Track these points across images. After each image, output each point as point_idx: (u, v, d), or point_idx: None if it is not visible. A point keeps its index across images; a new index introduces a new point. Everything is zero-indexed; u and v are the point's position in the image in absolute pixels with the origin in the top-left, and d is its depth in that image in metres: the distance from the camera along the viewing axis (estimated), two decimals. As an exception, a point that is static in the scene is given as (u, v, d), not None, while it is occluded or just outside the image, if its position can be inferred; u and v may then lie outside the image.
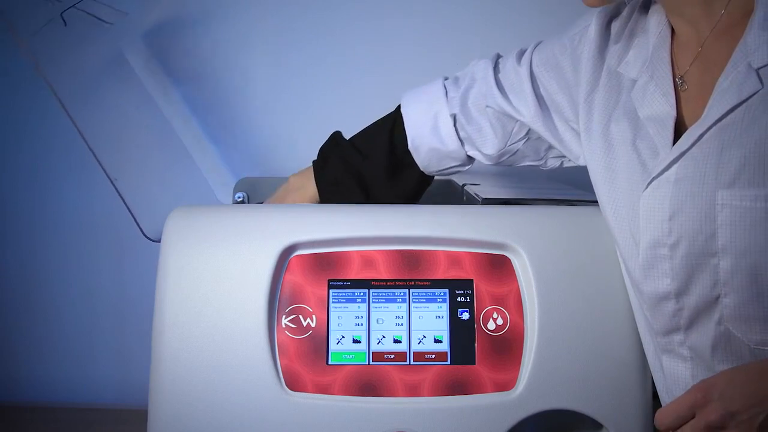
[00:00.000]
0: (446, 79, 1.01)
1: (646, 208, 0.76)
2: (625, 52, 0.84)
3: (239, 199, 1.18)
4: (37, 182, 1.41)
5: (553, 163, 0.99)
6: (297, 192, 1.03)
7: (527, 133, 0.96)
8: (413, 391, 0.85)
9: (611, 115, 0.83)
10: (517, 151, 0.98)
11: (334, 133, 1.04)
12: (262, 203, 1.10)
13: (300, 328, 0.87)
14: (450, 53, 1.33)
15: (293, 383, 0.85)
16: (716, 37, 0.75)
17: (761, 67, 0.69)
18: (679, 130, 0.76)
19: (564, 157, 0.97)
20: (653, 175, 0.76)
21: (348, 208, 0.95)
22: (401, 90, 1.10)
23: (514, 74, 0.95)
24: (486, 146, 0.98)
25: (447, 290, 0.88)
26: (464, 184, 1.13)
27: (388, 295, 0.88)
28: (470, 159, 1.01)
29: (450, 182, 1.24)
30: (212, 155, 1.38)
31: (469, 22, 1.33)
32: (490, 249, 0.89)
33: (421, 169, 1.00)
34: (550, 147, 0.96)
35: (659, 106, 0.78)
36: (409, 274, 0.89)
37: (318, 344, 0.87)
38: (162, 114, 1.32)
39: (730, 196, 0.69)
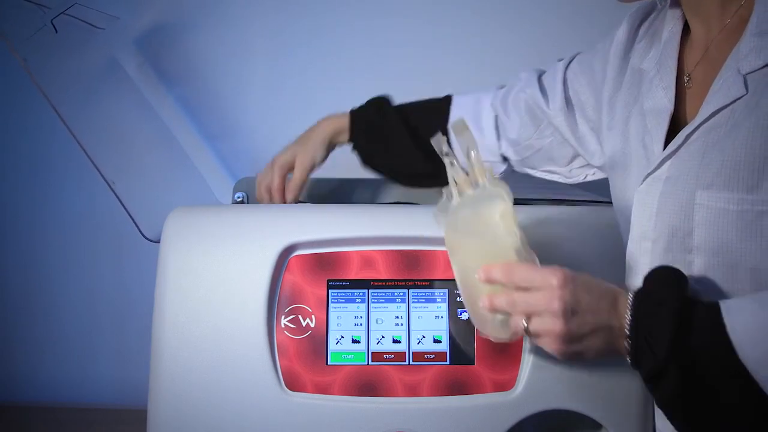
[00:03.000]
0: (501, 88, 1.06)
1: (638, 203, 0.79)
2: (647, 49, 0.85)
3: (239, 199, 1.18)
4: (37, 183, 1.41)
5: (577, 174, 1.01)
6: (329, 120, 1.08)
7: (552, 133, 0.98)
8: (413, 391, 0.86)
9: (631, 111, 0.84)
10: (541, 148, 1.00)
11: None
12: (260, 203, 1.10)
13: (299, 328, 0.87)
14: (449, 54, 1.33)
15: (293, 383, 0.85)
16: (723, 38, 0.76)
17: (748, 73, 0.70)
18: (679, 126, 0.77)
19: (588, 167, 0.99)
20: (647, 172, 0.78)
21: (348, 208, 0.95)
22: (399, 90, 1.10)
23: (552, 71, 0.99)
24: (512, 131, 1.01)
25: (446, 290, 0.88)
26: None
27: (387, 295, 0.88)
28: (501, 160, 1.05)
29: (450, 182, 1.24)
30: (211, 156, 1.38)
31: (469, 22, 1.33)
32: (489, 249, 0.89)
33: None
34: (576, 156, 0.99)
35: (659, 99, 0.80)
36: (408, 274, 0.89)
37: (317, 344, 0.87)
38: (159, 116, 1.32)
39: (707, 197, 0.70)
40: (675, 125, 0.78)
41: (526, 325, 0.70)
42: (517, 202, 0.98)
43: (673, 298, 0.67)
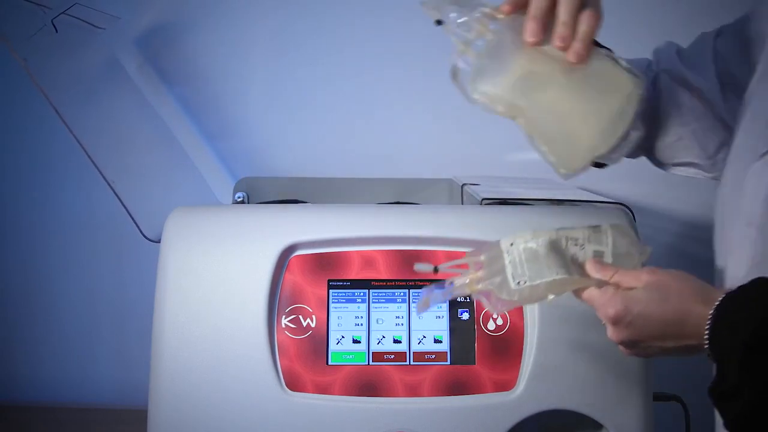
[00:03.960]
0: None
1: (749, 183, 0.70)
2: None
3: (239, 199, 1.18)
4: (37, 183, 1.41)
5: (722, 167, 0.84)
6: None
7: (697, 118, 0.85)
8: (413, 391, 0.86)
9: None
10: (682, 137, 0.86)
11: None
12: (262, 203, 1.10)
13: (300, 328, 0.87)
14: (449, 52, 1.33)
15: (293, 383, 0.85)
16: None
17: None
18: None
19: None
20: (766, 150, 0.69)
21: (348, 208, 0.95)
22: (399, 88, 1.10)
23: (697, 46, 0.87)
24: (655, 115, 0.87)
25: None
26: (464, 184, 1.13)
27: (388, 295, 0.88)
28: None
29: (450, 182, 1.25)
30: (211, 156, 1.38)
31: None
32: (490, 249, 0.89)
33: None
34: (723, 144, 0.84)
35: None
36: (409, 274, 0.89)
37: (318, 344, 0.87)
38: (160, 116, 1.32)
39: None
40: None
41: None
42: (517, 202, 0.98)
43: (751, 315, 0.60)
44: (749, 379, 0.59)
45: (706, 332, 0.62)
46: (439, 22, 0.71)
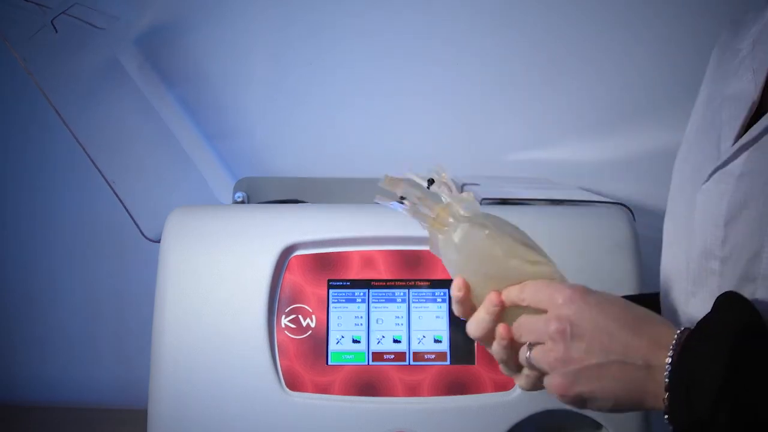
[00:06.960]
0: None
1: (703, 206, 0.60)
2: (752, 24, 0.67)
3: (239, 199, 1.18)
4: (37, 183, 1.41)
5: None
6: None
7: None
8: (413, 391, 0.86)
9: (713, 93, 0.67)
10: None
11: None
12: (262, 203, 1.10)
13: (300, 328, 0.87)
14: (450, 51, 1.33)
15: (293, 383, 0.85)
16: None
17: None
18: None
19: None
20: (716, 165, 0.59)
21: (348, 208, 0.95)
22: (400, 87, 1.09)
23: None
24: None
25: (447, 290, 0.88)
26: (464, 184, 1.13)
27: (387, 295, 0.88)
28: None
29: (450, 182, 1.24)
30: (211, 156, 1.38)
31: (471, 18, 1.33)
32: (489, 249, 0.89)
33: None
34: None
35: (743, 83, 0.62)
36: (409, 274, 0.89)
37: (318, 344, 0.87)
38: (159, 116, 1.32)
39: None
40: (760, 116, 0.59)
41: (528, 355, 0.57)
42: (517, 202, 0.98)
43: (729, 329, 0.50)
44: (728, 410, 0.48)
45: (670, 351, 0.52)
46: (402, 199, 0.66)
